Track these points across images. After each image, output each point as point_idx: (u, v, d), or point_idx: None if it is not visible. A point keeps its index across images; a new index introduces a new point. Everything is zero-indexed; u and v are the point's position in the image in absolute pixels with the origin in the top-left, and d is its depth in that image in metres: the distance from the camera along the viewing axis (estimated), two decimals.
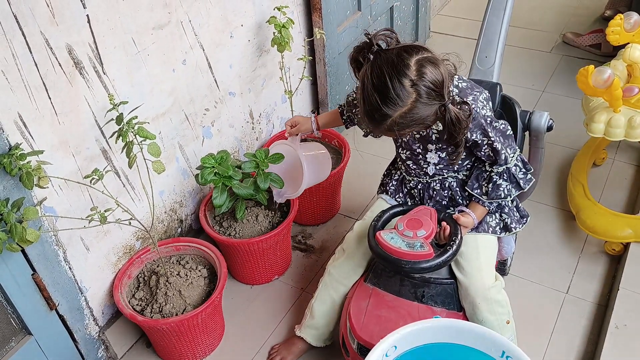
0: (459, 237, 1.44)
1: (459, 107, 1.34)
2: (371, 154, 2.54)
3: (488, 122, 1.43)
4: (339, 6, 2.35)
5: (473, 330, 1.37)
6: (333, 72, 2.44)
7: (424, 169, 1.56)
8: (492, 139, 1.44)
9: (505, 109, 1.69)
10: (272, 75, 2.19)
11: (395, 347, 1.37)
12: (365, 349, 1.46)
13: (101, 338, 1.75)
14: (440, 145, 1.49)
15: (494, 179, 1.50)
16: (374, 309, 1.53)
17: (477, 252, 1.52)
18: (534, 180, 1.54)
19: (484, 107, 1.44)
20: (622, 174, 2.33)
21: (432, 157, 1.53)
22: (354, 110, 1.72)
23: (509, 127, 1.48)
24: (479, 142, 1.45)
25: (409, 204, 1.63)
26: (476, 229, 1.55)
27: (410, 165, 1.58)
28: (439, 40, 3.32)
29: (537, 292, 1.92)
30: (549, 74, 2.98)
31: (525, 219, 1.60)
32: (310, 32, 2.30)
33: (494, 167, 1.49)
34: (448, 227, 1.47)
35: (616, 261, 1.99)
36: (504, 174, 1.50)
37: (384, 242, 1.42)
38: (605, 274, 1.95)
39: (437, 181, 1.57)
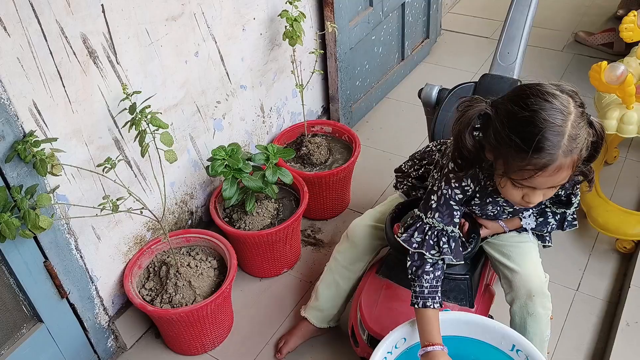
0: (477, 236, 1.44)
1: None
2: (381, 149, 2.54)
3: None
4: (351, 1, 2.35)
5: (482, 323, 1.38)
6: (344, 67, 2.44)
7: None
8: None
9: None
10: (283, 69, 2.19)
11: (405, 339, 1.37)
12: (375, 340, 1.46)
13: (111, 327, 1.75)
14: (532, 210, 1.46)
15: (547, 215, 1.47)
16: (386, 301, 1.52)
17: (531, 247, 1.50)
18: (576, 227, 1.50)
19: None
20: (634, 172, 2.31)
21: (526, 222, 1.49)
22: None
23: None
24: (563, 191, 1.40)
25: None
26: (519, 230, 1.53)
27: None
28: (450, 38, 3.31)
29: None
30: (560, 73, 2.96)
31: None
32: (321, 26, 2.31)
33: (554, 207, 1.46)
34: (467, 223, 1.46)
35: (627, 259, 1.97)
36: (558, 215, 1.47)
37: None
38: (616, 272, 1.94)
39: None
